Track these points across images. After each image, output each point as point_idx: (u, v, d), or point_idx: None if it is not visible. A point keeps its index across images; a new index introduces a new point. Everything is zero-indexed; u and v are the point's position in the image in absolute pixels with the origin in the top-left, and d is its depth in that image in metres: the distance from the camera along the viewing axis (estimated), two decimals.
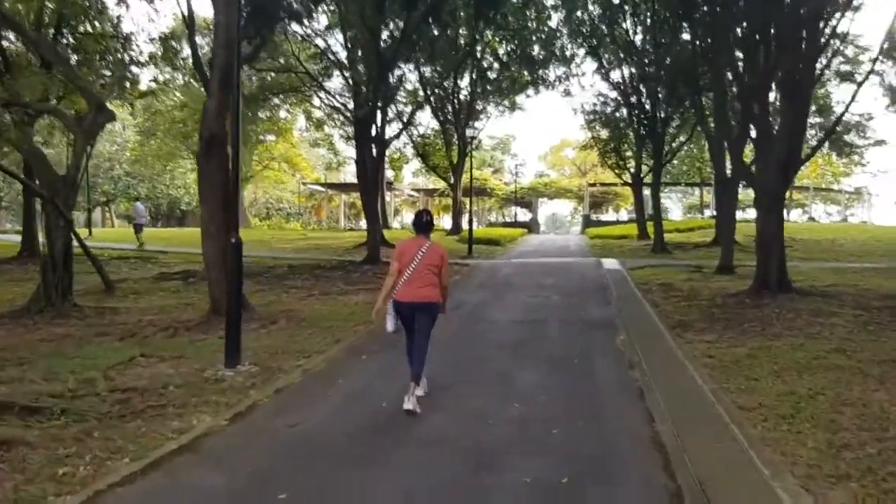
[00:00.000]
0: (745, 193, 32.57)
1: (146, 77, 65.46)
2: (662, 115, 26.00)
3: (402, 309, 6.16)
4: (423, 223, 6.40)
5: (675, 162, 41.62)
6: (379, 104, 24.46)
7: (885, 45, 28.93)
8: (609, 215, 61.34)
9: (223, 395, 6.59)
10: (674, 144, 30.62)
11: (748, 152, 19.69)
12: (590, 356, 8.26)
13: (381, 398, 6.38)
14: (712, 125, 20.10)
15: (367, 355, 8.41)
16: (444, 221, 50.24)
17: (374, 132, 25.95)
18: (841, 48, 20.71)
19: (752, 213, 36.19)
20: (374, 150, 24.15)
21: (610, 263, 21.34)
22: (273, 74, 30.88)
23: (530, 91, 37.50)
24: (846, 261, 23.32)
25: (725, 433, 5.24)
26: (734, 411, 5.76)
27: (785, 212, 35.66)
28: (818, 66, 12.85)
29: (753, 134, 14.28)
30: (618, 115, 33.01)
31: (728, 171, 20.32)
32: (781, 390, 6.33)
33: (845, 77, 32.13)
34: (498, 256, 25.93)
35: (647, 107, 27.10)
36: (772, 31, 12.80)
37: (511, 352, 8.45)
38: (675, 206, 74.00)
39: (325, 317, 11.27)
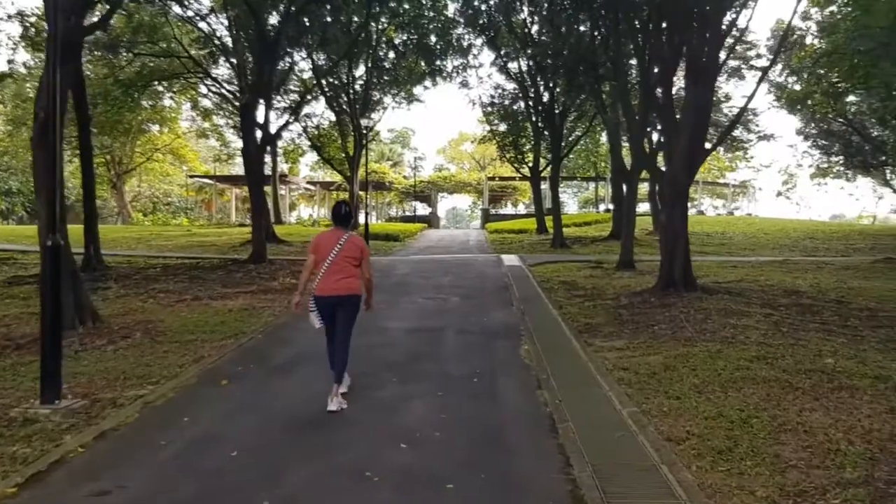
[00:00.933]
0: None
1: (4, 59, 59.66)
2: (560, 108, 25.51)
3: (323, 304, 5.97)
4: (341, 215, 6.26)
5: (571, 156, 41.75)
6: (263, 90, 22.70)
7: (772, 42, 29.70)
8: (508, 209, 61.40)
9: (28, 444, 5.10)
10: (570, 139, 30.37)
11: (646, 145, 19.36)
12: (492, 374, 7.20)
13: (232, 444, 5.05)
14: (618, 114, 19.62)
15: (230, 380, 7.02)
16: None
17: (260, 121, 24.32)
18: (742, 38, 20.72)
19: (643, 207, 36.66)
20: (259, 140, 22.39)
21: (510, 260, 20.59)
22: (154, 59, 28.48)
23: (427, 82, 36.54)
24: (740, 254, 23.63)
25: (656, 480, 4.27)
26: (661, 445, 4.82)
27: None
28: (721, 54, 12.33)
29: (658, 126, 13.70)
30: (516, 107, 32.56)
31: (628, 165, 19.92)
32: (709, 412, 5.47)
33: (734, 73, 32.98)
34: (395, 253, 24.75)
35: (546, 99, 26.57)
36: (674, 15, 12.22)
37: (401, 372, 7.26)
38: (571, 200, 75.22)
39: (190, 328, 9.75)
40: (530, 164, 33.14)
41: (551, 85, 25.95)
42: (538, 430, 5.35)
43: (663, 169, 13.83)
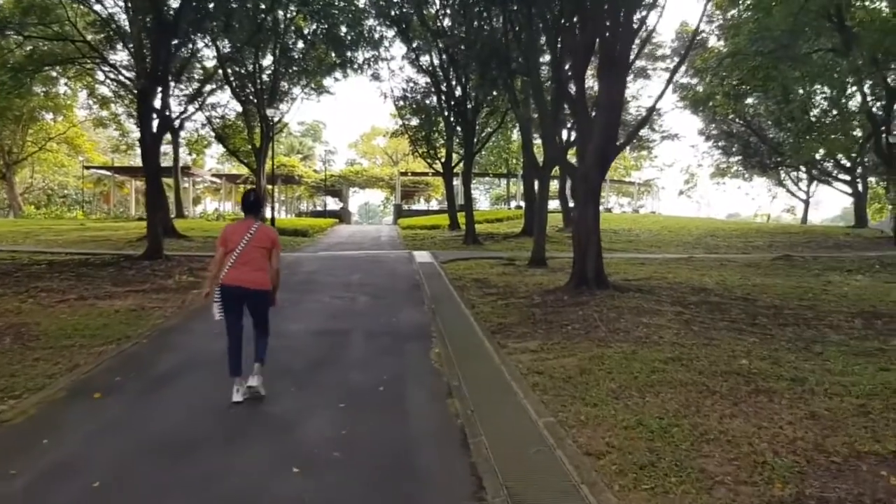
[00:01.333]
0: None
1: None
2: (472, 103, 25.25)
3: (229, 294, 5.75)
4: (250, 203, 6.15)
5: (483, 152, 41.71)
6: (160, 76, 21.32)
7: (676, 44, 30.49)
8: (421, 205, 61.10)
9: None
10: (483, 134, 30.22)
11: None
12: (400, 381, 6.70)
13: (95, 473, 4.35)
14: (530, 110, 19.45)
15: (105, 392, 6.23)
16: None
17: (159, 108, 22.85)
18: (650, 38, 20.97)
19: (553, 204, 37.09)
20: (157, 128, 21.02)
21: (422, 256, 20.15)
22: (46, 43, 26.42)
23: (338, 74, 35.64)
24: (647, 251, 24.05)
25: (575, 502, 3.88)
26: (581, 461, 4.45)
27: None
28: (633, 50, 12.25)
29: (570, 122, 13.52)
30: (428, 102, 32.18)
31: (540, 161, 19.84)
32: (628, 421, 5.15)
33: (640, 73, 33.73)
34: (303, 249, 23.88)
35: (458, 93, 26.25)
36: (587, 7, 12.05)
37: (300, 381, 6.66)
38: (483, 196, 75.70)
39: (68, 332, 8.80)
40: (443, 160, 32.85)
41: (464, 79, 25.63)
42: (449, 448, 4.88)
43: (576, 165, 13.70)
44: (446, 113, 29.25)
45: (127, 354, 7.83)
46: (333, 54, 32.21)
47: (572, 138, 20.22)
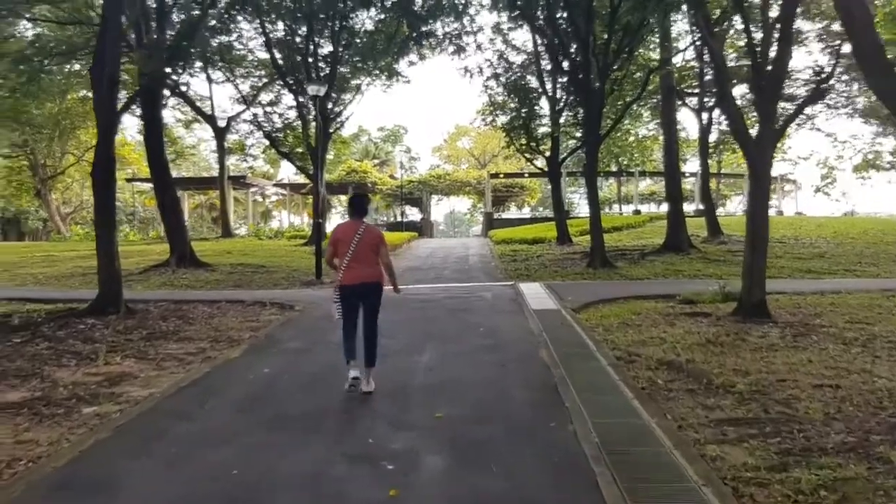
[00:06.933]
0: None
1: None
2: (601, 63, 17.53)
3: (349, 293, 6.10)
4: (359, 205, 6.37)
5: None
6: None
7: None
8: (513, 212, 53.48)
9: None
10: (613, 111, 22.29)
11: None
12: None
13: None
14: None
15: None
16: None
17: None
18: None
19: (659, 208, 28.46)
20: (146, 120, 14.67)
21: (536, 294, 12.75)
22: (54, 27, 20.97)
23: (413, 56, 28.76)
24: (865, 273, 15.95)
25: None
26: None
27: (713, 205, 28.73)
28: None
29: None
30: (525, 82, 24.84)
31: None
32: None
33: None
34: None
35: (577, 57, 18.56)
36: None
37: None
38: (581, 200, 67.34)
39: None
40: (547, 154, 25.30)
41: (591, 34, 17.78)
42: None
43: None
44: (555, 89, 21.85)
45: None
46: (406, 26, 25.33)
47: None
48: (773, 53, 9.81)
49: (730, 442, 4.93)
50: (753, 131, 10.59)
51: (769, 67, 9.65)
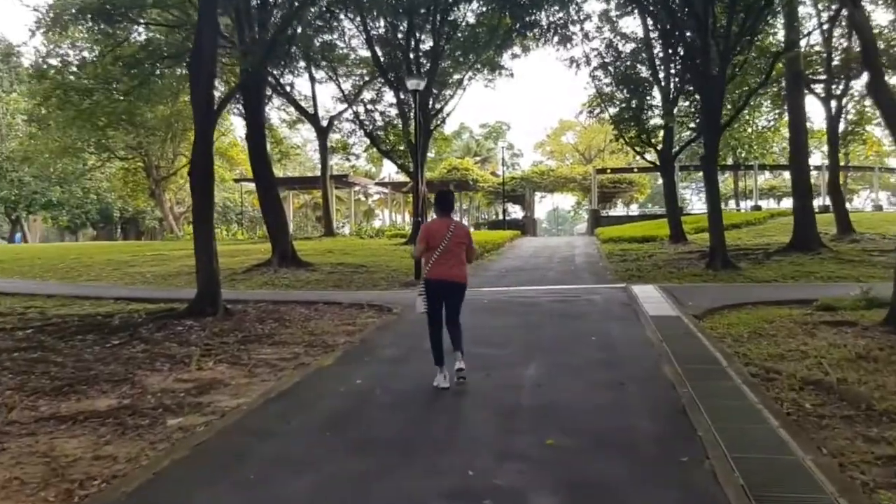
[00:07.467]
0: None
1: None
2: (722, 46, 16.10)
3: (435, 288, 6.19)
4: (448, 203, 6.48)
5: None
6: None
7: None
8: (620, 209, 51.61)
9: None
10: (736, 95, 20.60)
11: None
12: None
13: None
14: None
15: None
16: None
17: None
18: None
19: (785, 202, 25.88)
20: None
21: (650, 298, 11.72)
22: (164, 31, 21.57)
23: (517, 49, 27.95)
24: None
25: None
26: None
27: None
28: None
29: None
30: (635, 72, 23.56)
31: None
32: None
33: None
34: None
35: (695, 41, 17.18)
36: None
37: None
38: (695, 196, 64.29)
39: None
40: (659, 147, 23.89)
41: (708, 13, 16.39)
42: None
43: None
44: (668, 78, 20.50)
45: None
46: (508, 17, 24.56)
47: None
48: None
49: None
50: None
51: None
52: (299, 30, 21.56)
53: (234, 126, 40.88)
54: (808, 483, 3.91)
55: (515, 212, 50.54)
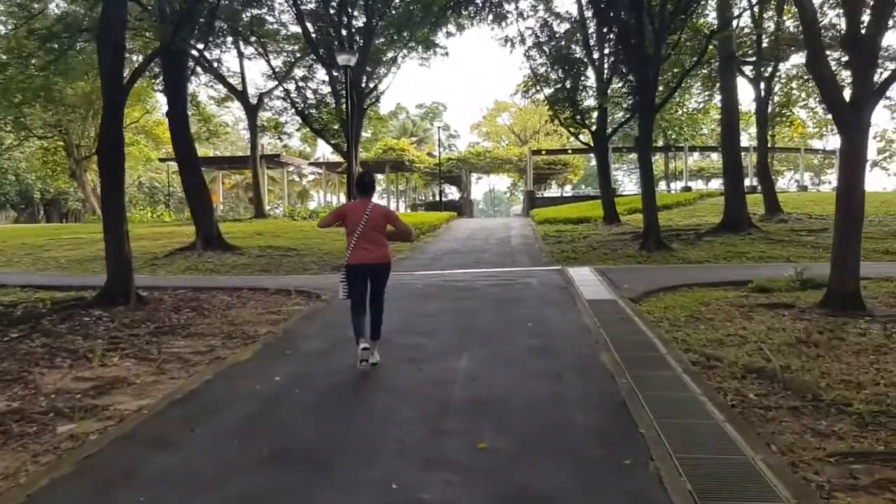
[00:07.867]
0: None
1: None
2: (657, 24, 15.97)
3: (356, 273, 6.13)
4: (365, 184, 6.34)
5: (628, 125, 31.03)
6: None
7: None
8: (554, 190, 51.92)
9: None
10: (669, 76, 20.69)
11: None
12: None
13: None
14: None
15: None
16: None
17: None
18: None
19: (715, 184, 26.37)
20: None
21: (587, 281, 11.51)
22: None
23: (451, 27, 27.42)
24: None
25: None
26: None
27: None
28: None
29: None
30: (570, 52, 23.38)
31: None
32: None
33: None
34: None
35: (630, 19, 17.01)
36: None
37: None
38: (626, 178, 65.32)
39: None
40: (593, 128, 23.83)
41: None
42: None
43: None
44: (602, 59, 20.34)
45: None
46: None
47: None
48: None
49: (867, 489, 3.71)
50: None
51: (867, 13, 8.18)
52: (224, 1, 20.52)
53: (161, 104, 38.92)
54: (761, 487, 3.63)
55: (452, 193, 50.25)
